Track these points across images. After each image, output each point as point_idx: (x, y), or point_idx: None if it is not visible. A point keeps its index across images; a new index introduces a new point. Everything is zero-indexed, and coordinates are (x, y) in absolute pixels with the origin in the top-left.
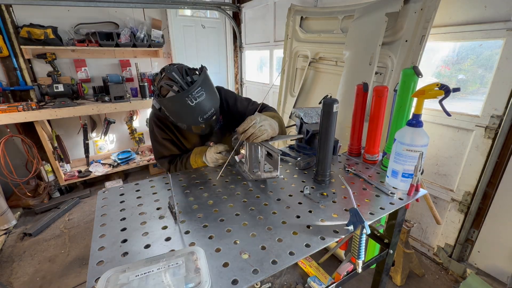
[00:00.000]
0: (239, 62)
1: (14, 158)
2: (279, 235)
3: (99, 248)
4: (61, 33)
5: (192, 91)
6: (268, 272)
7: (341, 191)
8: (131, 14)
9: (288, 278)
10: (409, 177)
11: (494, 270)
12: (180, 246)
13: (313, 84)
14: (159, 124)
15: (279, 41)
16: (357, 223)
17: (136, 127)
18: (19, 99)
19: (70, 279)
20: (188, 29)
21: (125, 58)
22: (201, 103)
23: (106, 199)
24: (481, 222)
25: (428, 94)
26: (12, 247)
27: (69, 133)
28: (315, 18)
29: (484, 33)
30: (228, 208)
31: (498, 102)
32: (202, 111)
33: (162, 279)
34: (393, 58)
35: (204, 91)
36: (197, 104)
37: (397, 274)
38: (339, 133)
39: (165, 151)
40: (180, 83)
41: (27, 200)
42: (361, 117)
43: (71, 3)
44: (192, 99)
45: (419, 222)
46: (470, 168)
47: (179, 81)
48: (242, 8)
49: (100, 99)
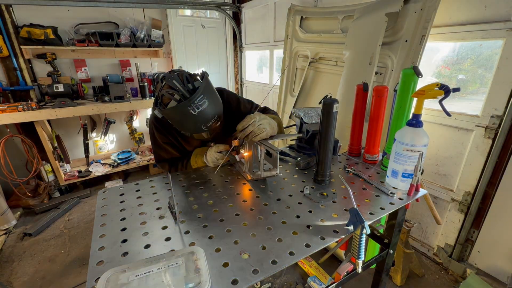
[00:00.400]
0: (239, 62)
1: (14, 158)
2: (279, 235)
3: (99, 248)
4: (61, 33)
5: (194, 100)
6: (268, 272)
7: (341, 191)
8: (131, 14)
9: (288, 278)
10: (409, 177)
11: (494, 270)
12: (180, 246)
13: (313, 84)
14: (160, 128)
15: (279, 41)
16: (357, 223)
17: (136, 127)
18: (19, 99)
19: (70, 279)
20: (188, 29)
21: (125, 58)
22: (204, 111)
23: (106, 199)
24: (481, 222)
25: (428, 94)
26: (12, 247)
27: (69, 133)
28: (315, 18)
29: (484, 33)
30: (228, 208)
31: (498, 102)
32: (205, 119)
33: (162, 279)
34: (393, 58)
35: (206, 98)
36: (200, 113)
37: (397, 274)
38: (339, 133)
39: (166, 155)
40: (181, 92)
41: (27, 200)
42: (361, 117)
43: (71, 3)
44: (195, 108)
45: (419, 222)
46: (470, 168)
47: (180, 90)
48: (242, 8)
49: (100, 99)
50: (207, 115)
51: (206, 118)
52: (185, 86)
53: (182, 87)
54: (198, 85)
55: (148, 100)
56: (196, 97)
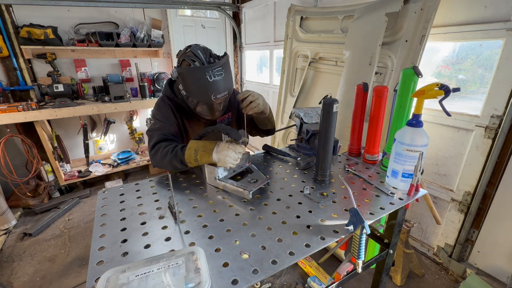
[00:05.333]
0: (239, 62)
1: (14, 158)
2: (279, 235)
3: (99, 248)
4: (61, 33)
5: (213, 68)
6: (268, 272)
7: (341, 191)
8: (131, 14)
9: (288, 278)
10: (409, 177)
11: (494, 270)
12: (180, 246)
13: (313, 84)
14: (168, 103)
15: (279, 41)
16: (357, 223)
17: (136, 127)
18: (19, 99)
19: (70, 279)
20: (188, 29)
21: (125, 58)
22: (218, 81)
23: (106, 199)
24: (481, 222)
25: (428, 94)
26: (12, 247)
27: (69, 133)
28: (315, 18)
29: (484, 33)
30: (228, 208)
31: (498, 102)
32: (217, 90)
33: (162, 279)
34: (393, 58)
35: (223, 71)
36: (214, 82)
37: (397, 274)
38: (339, 133)
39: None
40: (202, 60)
41: (27, 200)
42: (361, 117)
43: (71, 3)
44: (212, 75)
45: (419, 222)
46: (470, 168)
47: (202, 58)
48: (242, 8)
49: (100, 99)
50: (219, 87)
51: (218, 89)
52: (207, 57)
53: (204, 57)
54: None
55: (148, 100)
56: (215, 66)
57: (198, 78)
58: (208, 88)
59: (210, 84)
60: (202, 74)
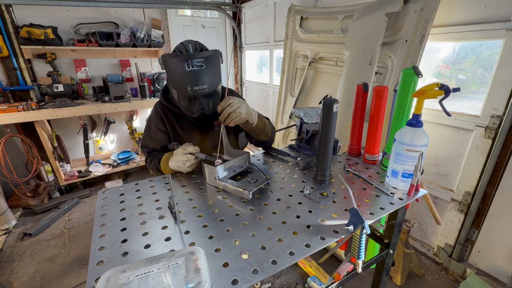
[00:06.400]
0: (239, 62)
1: (14, 158)
2: (279, 235)
3: (99, 248)
4: (61, 33)
5: (192, 58)
6: (268, 272)
7: (341, 191)
8: (131, 14)
9: (288, 278)
10: (409, 177)
11: (494, 270)
12: (180, 246)
13: (313, 84)
14: (160, 113)
15: (279, 41)
16: (357, 223)
17: (136, 127)
18: (19, 99)
19: (70, 279)
20: (188, 29)
21: (125, 58)
22: (196, 72)
23: (106, 199)
24: (481, 222)
25: (428, 94)
26: (12, 247)
27: (69, 133)
28: (315, 18)
29: (484, 33)
30: (228, 208)
31: (498, 102)
32: (194, 81)
33: (162, 279)
34: (393, 58)
35: (205, 64)
36: (192, 72)
37: (397, 274)
38: (339, 133)
39: (151, 142)
40: (187, 50)
41: (27, 200)
42: (361, 117)
43: (71, 3)
44: (189, 65)
45: (419, 222)
46: (470, 168)
47: (189, 49)
48: (242, 8)
49: (100, 99)
50: (196, 78)
51: (195, 81)
52: (195, 50)
53: (192, 48)
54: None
55: (148, 100)
56: (195, 56)
57: (176, 65)
58: (185, 77)
59: (187, 74)
60: (181, 62)
